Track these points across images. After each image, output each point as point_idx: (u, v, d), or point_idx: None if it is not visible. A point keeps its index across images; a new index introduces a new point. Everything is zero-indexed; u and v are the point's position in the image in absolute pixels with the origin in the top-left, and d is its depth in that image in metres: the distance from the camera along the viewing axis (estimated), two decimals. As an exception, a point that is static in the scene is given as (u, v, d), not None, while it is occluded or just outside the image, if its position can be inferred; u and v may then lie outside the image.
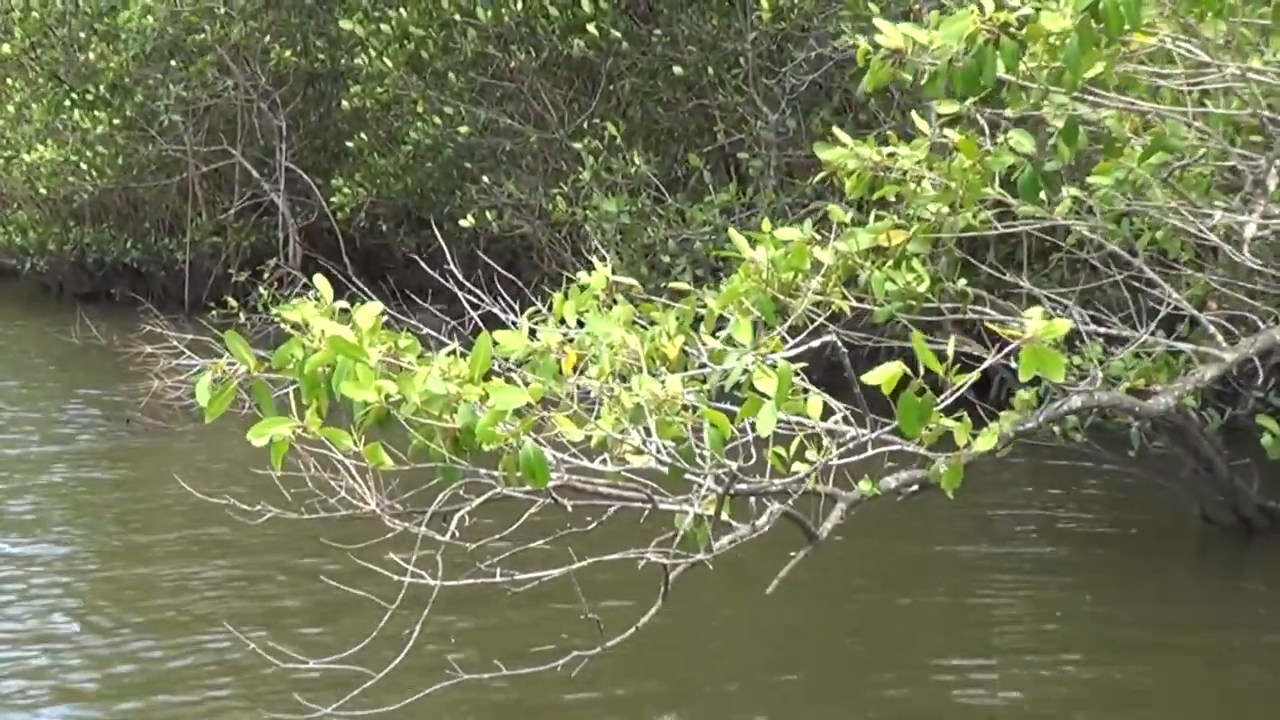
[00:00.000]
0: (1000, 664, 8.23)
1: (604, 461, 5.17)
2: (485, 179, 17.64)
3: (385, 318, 5.23)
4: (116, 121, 20.86)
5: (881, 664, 8.11)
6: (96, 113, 20.85)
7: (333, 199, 19.73)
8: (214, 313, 17.56)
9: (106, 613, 8.97)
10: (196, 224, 21.97)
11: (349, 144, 19.52)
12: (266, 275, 19.45)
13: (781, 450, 5.38)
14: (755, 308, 6.13)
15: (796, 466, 5.40)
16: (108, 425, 14.95)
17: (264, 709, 6.74)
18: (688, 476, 4.98)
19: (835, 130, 6.98)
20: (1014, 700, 7.72)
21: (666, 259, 15.05)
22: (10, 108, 21.81)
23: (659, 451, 4.90)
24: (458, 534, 4.98)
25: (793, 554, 5.42)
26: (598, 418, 5.02)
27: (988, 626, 8.86)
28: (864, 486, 5.56)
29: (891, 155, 6.79)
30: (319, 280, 5.47)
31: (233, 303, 18.06)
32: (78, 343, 19.07)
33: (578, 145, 16.11)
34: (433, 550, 5.07)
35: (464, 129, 17.40)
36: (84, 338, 19.05)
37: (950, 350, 4.76)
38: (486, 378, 5.04)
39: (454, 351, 5.11)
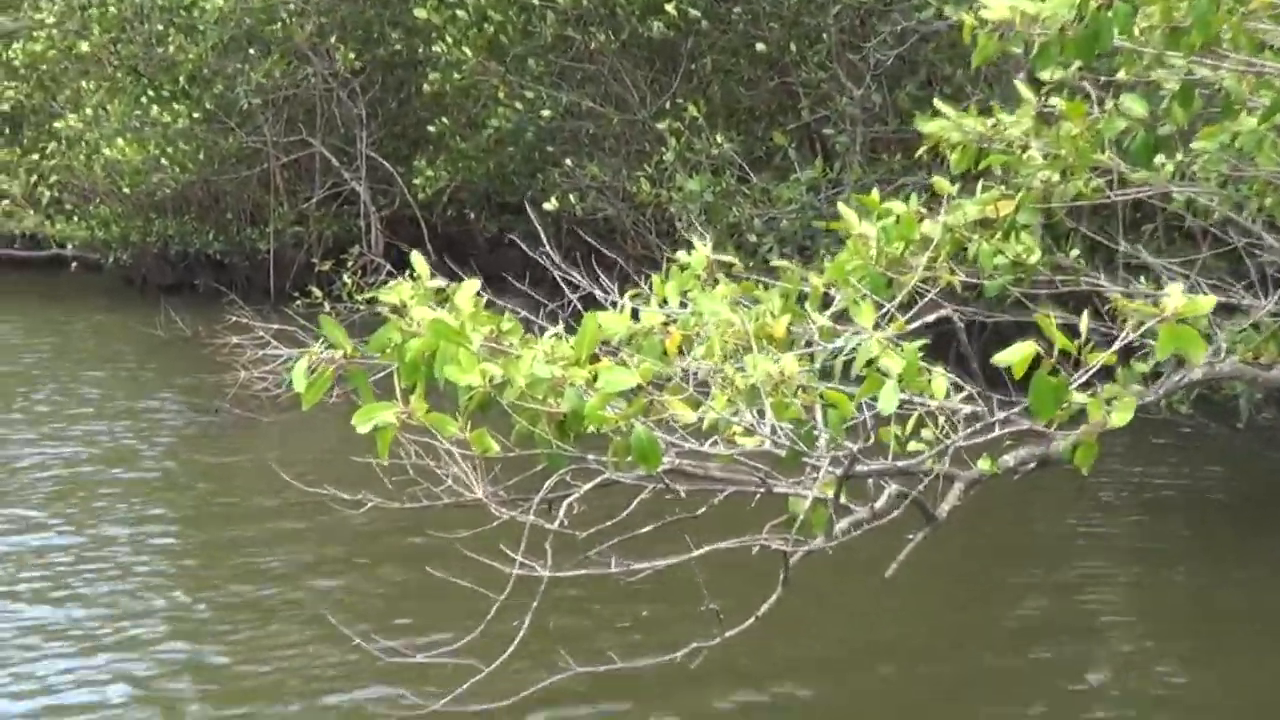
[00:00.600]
0: (1101, 636, 8.11)
1: (714, 444, 5.00)
2: (568, 162, 17.51)
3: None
4: (196, 114, 20.88)
5: (986, 640, 7.96)
6: (176, 105, 20.88)
7: (415, 180, 19.66)
8: (299, 302, 17.52)
9: (202, 604, 8.91)
10: (278, 214, 21.96)
11: (430, 129, 19.42)
12: (350, 263, 19.40)
13: (897, 429, 5.19)
14: (862, 284, 5.94)
15: (913, 446, 5.22)
16: (196, 416, 14.92)
17: (370, 704, 6.60)
18: (806, 460, 4.80)
19: (937, 102, 6.78)
20: (1113, 678, 7.61)
21: (753, 238, 14.86)
22: (89, 109, 21.87)
23: (775, 433, 4.72)
24: (565, 522, 4.82)
25: (909, 536, 5.23)
26: (711, 400, 4.86)
27: (1090, 600, 8.68)
28: (983, 465, 5.37)
29: (996, 126, 6.60)
30: (416, 258, 5.34)
31: (317, 292, 18.01)
32: (163, 334, 19.08)
33: (660, 126, 15.94)
34: (540, 539, 4.90)
35: (545, 112, 17.27)
36: (169, 329, 19.07)
37: (1084, 327, 4.56)
38: (590, 360, 4.90)
39: (558, 334, 4.97)
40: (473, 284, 5.22)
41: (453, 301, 5.13)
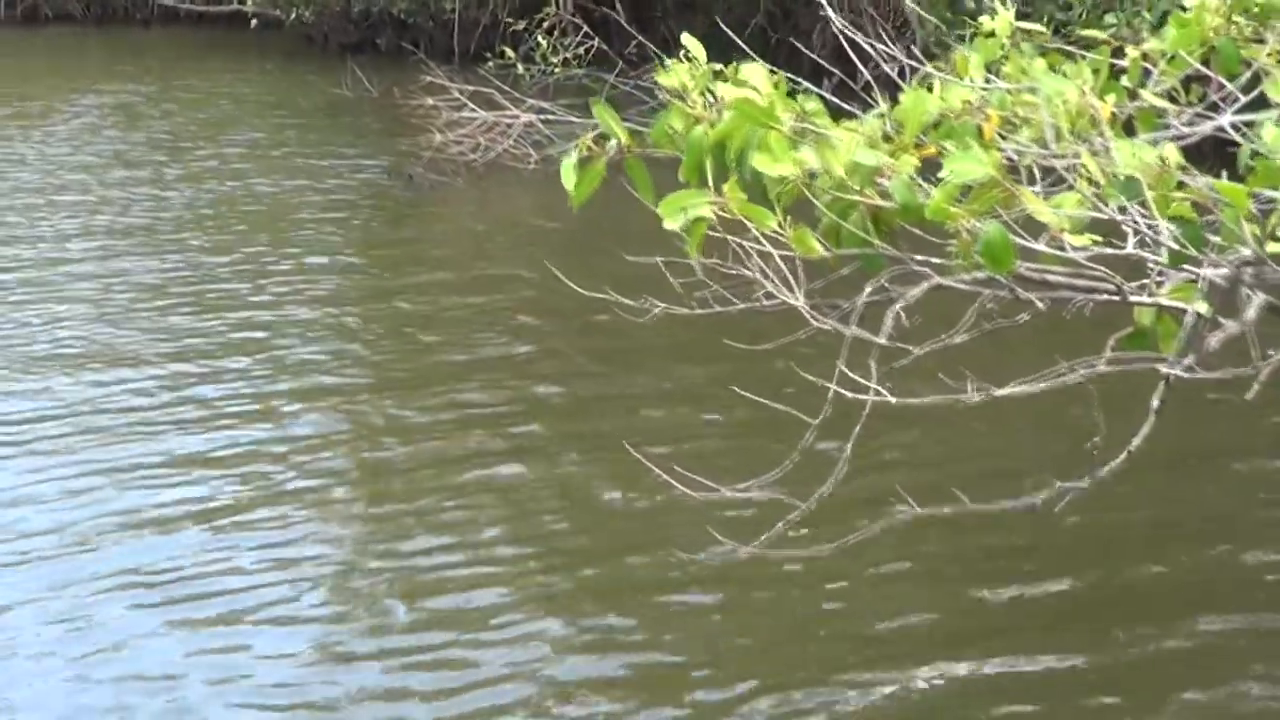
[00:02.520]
0: None
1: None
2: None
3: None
4: None
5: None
6: None
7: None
8: (490, 63, 16.84)
9: (434, 411, 8.25)
10: (463, -30, 21.18)
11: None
12: (542, 24, 18.61)
13: (1254, 228, 4.43)
14: (1193, 56, 5.15)
15: (1271, 247, 4.46)
16: (390, 179, 14.28)
17: (673, 544, 6.02)
18: (1186, 267, 4.08)
19: None
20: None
21: (972, 4, 13.91)
22: None
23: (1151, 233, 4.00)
24: (893, 334, 4.14)
25: (1270, 353, 4.48)
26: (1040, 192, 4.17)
27: None
28: (1357, 273, 4.60)
29: None
30: (688, 40, 4.69)
31: (510, 53, 17.30)
32: (349, 94, 18.49)
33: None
34: (857, 355, 4.20)
35: None
36: (355, 89, 18.48)
37: None
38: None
39: (882, 115, 4.28)
40: (759, 67, 4.54)
41: (739, 79, 4.48)
